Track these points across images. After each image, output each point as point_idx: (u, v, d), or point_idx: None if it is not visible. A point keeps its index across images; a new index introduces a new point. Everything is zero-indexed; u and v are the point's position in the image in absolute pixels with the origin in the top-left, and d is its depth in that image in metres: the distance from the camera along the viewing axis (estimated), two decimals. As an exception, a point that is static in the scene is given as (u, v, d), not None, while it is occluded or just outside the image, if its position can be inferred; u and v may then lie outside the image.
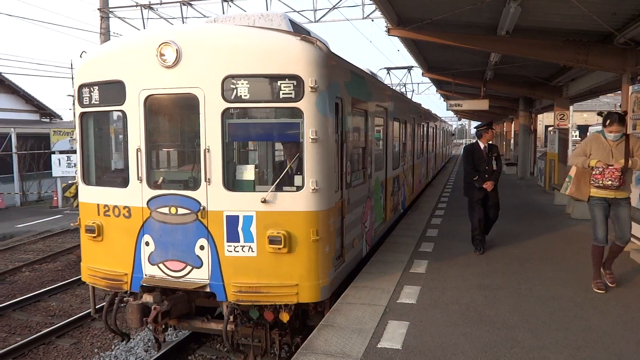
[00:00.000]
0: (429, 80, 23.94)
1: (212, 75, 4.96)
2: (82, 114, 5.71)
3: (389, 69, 19.54)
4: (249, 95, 4.94)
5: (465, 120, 70.69)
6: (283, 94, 4.92)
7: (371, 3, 13.08)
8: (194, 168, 5.43)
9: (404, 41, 12.35)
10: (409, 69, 19.20)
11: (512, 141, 27.72)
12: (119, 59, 5.39)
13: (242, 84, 4.92)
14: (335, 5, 14.91)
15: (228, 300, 5.10)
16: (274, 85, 4.95)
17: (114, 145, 6.19)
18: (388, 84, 12.05)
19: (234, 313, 5.17)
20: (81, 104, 5.65)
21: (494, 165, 7.68)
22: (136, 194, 5.30)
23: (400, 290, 5.85)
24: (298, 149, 5.13)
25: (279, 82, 4.91)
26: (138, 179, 5.26)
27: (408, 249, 7.88)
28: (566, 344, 4.42)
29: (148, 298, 5.19)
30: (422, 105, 16.43)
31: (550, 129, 16.93)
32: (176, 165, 6.25)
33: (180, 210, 5.14)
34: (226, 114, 5.02)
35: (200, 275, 5.14)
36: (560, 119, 15.72)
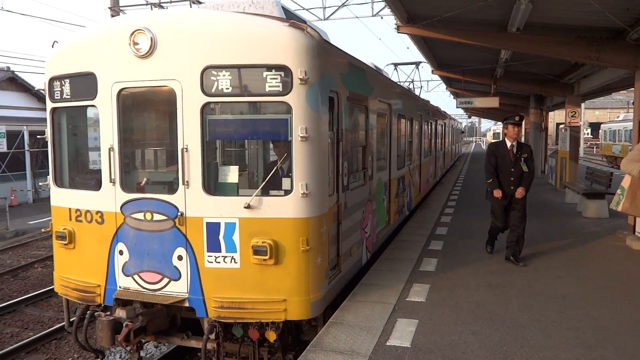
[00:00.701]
0: (438, 78, 23.87)
1: (191, 66, 4.45)
2: (54, 110, 5.22)
3: (396, 65, 19.31)
4: (231, 88, 4.44)
5: (475, 118, 70.21)
6: (269, 86, 4.41)
7: (380, 0, 13.07)
8: (171, 169, 4.92)
9: (414, 38, 12.35)
10: (417, 64, 18.97)
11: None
12: (90, 48, 4.87)
13: (224, 75, 4.43)
14: (345, 2, 14.89)
15: (208, 317, 4.60)
16: (259, 76, 4.43)
17: (87, 144, 5.63)
18: (395, 81, 11.94)
19: (215, 331, 4.63)
20: (52, 98, 5.15)
21: (523, 167, 6.64)
22: (109, 197, 4.79)
23: (409, 288, 5.82)
24: (287, 148, 4.61)
25: (264, 74, 4.40)
26: (111, 181, 4.77)
27: (418, 247, 7.87)
28: (577, 343, 4.37)
29: (121, 313, 4.67)
30: (431, 102, 16.31)
31: (561, 127, 16.77)
32: (153, 166, 5.70)
33: (156, 216, 4.64)
34: (206, 109, 4.51)
35: (178, 289, 4.64)
36: (572, 116, 15.63)
